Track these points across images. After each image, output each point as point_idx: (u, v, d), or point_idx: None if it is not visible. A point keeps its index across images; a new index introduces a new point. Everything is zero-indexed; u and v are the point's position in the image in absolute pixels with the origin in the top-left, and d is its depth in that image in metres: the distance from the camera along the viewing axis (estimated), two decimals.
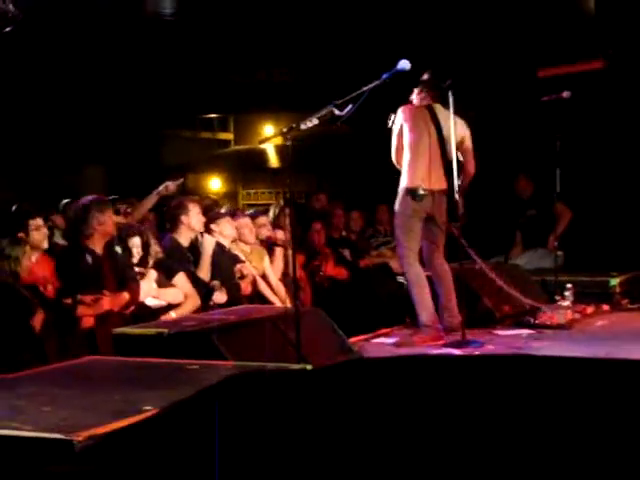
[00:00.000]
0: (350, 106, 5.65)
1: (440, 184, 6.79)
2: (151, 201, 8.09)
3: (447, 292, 7.03)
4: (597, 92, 9.64)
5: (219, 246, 7.54)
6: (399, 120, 6.82)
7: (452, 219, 6.79)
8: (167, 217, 7.66)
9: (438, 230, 6.99)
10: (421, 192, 6.77)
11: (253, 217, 8.27)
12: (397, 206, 6.93)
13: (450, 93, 6.53)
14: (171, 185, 8.12)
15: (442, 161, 6.72)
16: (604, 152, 9.56)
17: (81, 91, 11.47)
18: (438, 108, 6.79)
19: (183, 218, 7.35)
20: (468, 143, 7.02)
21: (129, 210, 8.07)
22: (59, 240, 7.26)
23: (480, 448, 2.34)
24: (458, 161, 6.87)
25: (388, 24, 10.58)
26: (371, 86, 5.84)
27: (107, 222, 6.49)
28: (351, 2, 10.86)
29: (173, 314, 6.75)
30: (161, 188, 8.04)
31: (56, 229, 7.41)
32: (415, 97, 6.99)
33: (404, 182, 6.84)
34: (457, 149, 6.83)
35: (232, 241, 7.77)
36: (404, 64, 5.99)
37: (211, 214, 7.86)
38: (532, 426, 2.37)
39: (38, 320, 5.88)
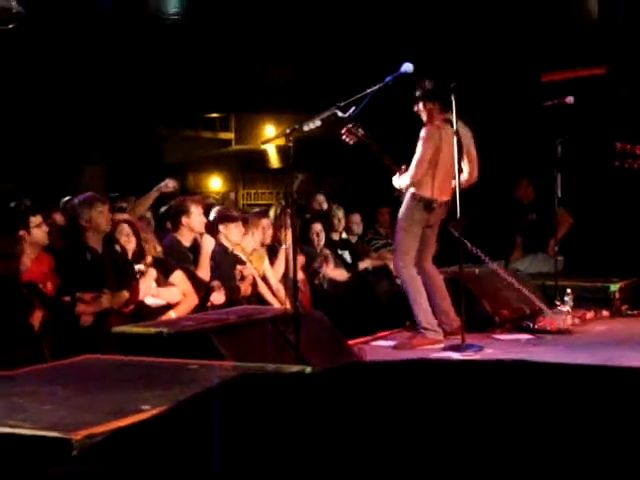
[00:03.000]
0: (353, 108, 5.65)
1: (448, 195, 6.86)
2: (151, 198, 8.11)
3: (441, 295, 7.08)
4: (599, 98, 9.65)
5: (221, 247, 7.54)
6: (427, 139, 6.83)
7: (454, 221, 6.81)
8: (169, 217, 7.66)
9: (432, 236, 7.10)
10: (435, 205, 6.85)
11: (256, 218, 8.24)
12: (405, 210, 6.94)
13: (453, 96, 6.53)
14: (170, 182, 8.14)
15: (454, 174, 6.74)
16: (605, 158, 9.55)
17: (82, 88, 11.46)
18: (456, 122, 6.78)
19: (184, 219, 7.35)
20: (474, 152, 7.07)
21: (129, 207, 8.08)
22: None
23: (479, 453, 2.34)
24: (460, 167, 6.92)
25: (392, 26, 10.58)
26: (374, 88, 5.84)
27: (95, 218, 6.48)
28: (355, 3, 10.85)
29: (172, 314, 6.75)
30: (161, 185, 8.08)
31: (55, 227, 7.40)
32: (423, 110, 6.95)
33: (419, 190, 6.86)
34: (463, 157, 6.91)
35: (235, 244, 7.75)
36: (407, 67, 5.99)
37: (223, 213, 7.83)
38: (530, 432, 2.37)
39: (37, 318, 5.87)
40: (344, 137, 6.91)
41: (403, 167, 6.95)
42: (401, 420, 2.36)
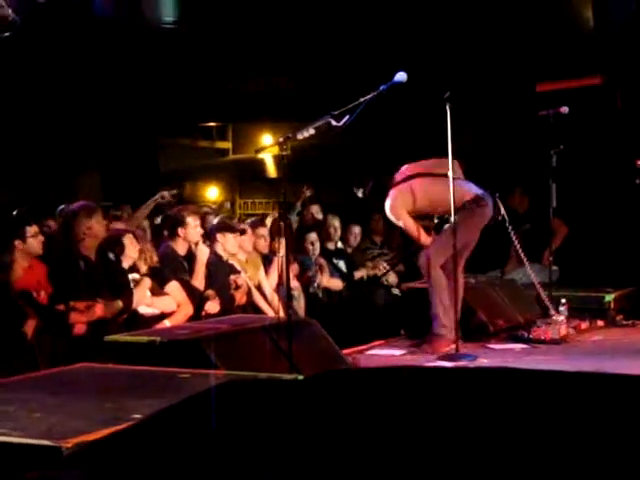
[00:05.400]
0: (347, 117, 5.65)
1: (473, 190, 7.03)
2: (147, 209, 8.14)
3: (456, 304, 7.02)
4: (594, 108, 9.65)
5: (216, 256, 7.54)
6: (394, 207, 6.98)
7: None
8: (166, 225, 7.66)
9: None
10: (482, 197, 7.00)
11: (253, 227, 8.25)
12: (468, 220, 6.91)
13: (448, 106, 6.52)
14: (166, 194, 8.21)
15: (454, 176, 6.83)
16: (601, 168, 9.56)
17: (79, 97, 11.47)
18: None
19: (180, 230, 7.36)
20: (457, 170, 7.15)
21: (125, 215, 8.10)
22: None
23: (466, 460, 2.33)
24: None
25: (387, 35, 10.60)
26: (368, 97, 5.84)
27: (95, 227, 6.48)
28: (351, 13, 10.87)
29: (167, 322, 6.74)
30: (157, 196, 8.14)
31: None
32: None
33: (468, 194, 6.92)
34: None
35: (230, 253, 7.76)
36: (401, 76, 5.99)
37: (222, 223, 7.84)
38: (522, 440, 2.36)
39: (30, 327, 5.86)
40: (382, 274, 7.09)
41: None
42: (387, 427, 2.36)
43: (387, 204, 7.01)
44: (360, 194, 7.09)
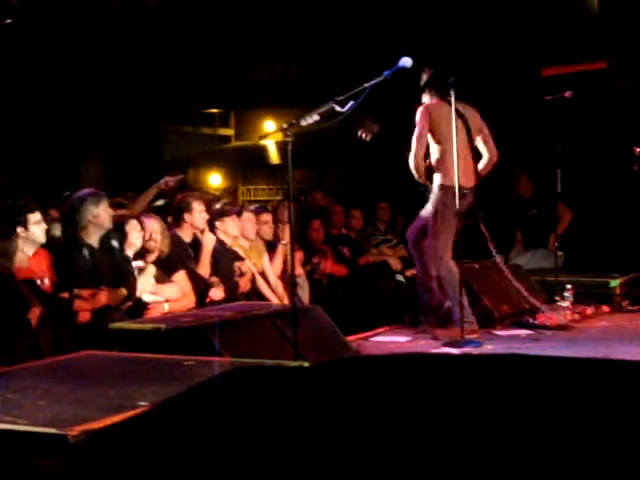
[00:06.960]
0: (351, 102, 5.62)
1: (473, 181, 6.81)
2: (150, 195, 8.09)
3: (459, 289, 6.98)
4: (600, 92, 9.62)
5: (220, 243, 7.52)
6: (420, 117, 6.79)
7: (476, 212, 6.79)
8: (171, 212, 7.63)
9: (456, 227, 6.99)
10: (465, 191, 6.75)
11: (257, 213, 8.23)
12: (437, 204, 6.84)
13: (452, 91, 6.48)
14: (170, 180, 8.16)
15: (471, 156, 6.70)
16: (606, 153, 9.52)
17: (82, 84, 11.45)
18: (457, 103, 6.70)
19: (186, 216, 7.33)
20: (487, 130, 7.02)
21: (130, 203, 8.06)
22: (57, 233, 7.19)
23: (475, 448, 2.31)
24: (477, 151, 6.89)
25: (391, 20, 10.56)
26: (372, 83, 5.80)
27: (101, 215, 6.43)
28: None
29: (166, 306, 6.69)
30: (161, 182, 8.08)
31: (54, 222, 7.35)
32: (427, 100, 6.95)
33: (445, 180, 6.79)
34: (475, 137, 6.88)
35: (233, 238, 7.74)
36: (405, 61, 5.95)
37: (218, 210, 7.82)
38: (528, 427, 2.34)
39: (34, 314, 5.83)
40: (361, 133, 6.90)
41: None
42: (394, 415, 2.34)
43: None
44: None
